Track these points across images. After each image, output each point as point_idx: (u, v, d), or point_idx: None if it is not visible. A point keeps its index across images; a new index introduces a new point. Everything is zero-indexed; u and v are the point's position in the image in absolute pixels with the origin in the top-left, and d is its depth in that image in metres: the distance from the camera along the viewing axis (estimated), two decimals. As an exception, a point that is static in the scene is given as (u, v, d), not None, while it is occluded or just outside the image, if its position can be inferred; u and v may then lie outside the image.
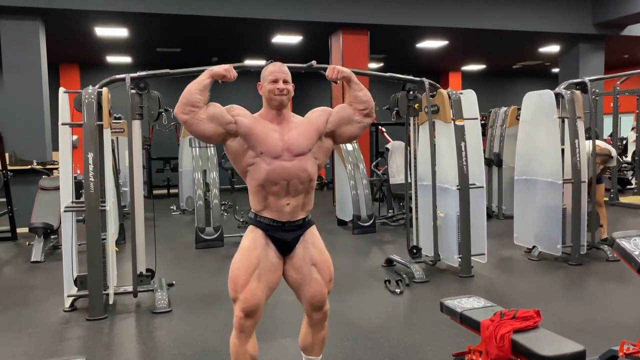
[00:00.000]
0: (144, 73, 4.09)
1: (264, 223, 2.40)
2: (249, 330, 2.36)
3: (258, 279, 2.34)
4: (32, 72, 7.61)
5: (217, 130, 2.34)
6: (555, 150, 5.16)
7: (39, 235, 5.88)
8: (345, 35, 8.81)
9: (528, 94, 5.54)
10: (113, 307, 4.11)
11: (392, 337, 3.41)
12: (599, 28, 10.00)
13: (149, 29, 9.02)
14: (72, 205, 4.09)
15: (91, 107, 3.91)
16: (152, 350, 3.36)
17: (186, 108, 2.30)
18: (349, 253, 6.05)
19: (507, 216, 7.52)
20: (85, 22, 8.27)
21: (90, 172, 3.84)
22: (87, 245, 3.89)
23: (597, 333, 3.41)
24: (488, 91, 15.18)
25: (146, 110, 4.14)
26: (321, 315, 2.52)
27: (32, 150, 7.56)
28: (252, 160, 2.37)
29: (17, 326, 3.78)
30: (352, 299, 4.23)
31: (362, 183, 7.22)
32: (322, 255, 2.50)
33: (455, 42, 10.77)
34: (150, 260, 4.37)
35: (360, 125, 2.55)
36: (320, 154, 2.48)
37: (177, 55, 11.31)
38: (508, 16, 9.43)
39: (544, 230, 5.32)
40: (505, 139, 7.88)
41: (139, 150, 4.23)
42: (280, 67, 2.45)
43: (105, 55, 11.34)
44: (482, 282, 4.71)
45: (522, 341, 2.24)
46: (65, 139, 4.05)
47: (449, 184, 4.83)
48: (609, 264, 5.14)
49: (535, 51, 12.05)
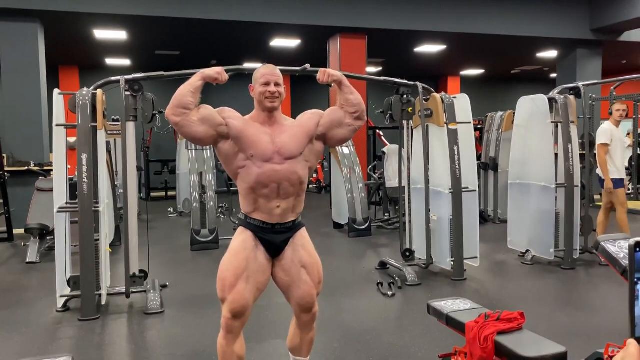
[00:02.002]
0: (138, 75, 4.13)
1: (253, 225, 2.42)
2: (237, 330, 2.38)
3: (246, 280, 2.35)
4: (30, 74, 7.66)
5: (208, 132, 2.36)
6: (548, 155, 5.19)
7: (34, 236, 5.91)
8: (343, 39, 8.86)
9: (522, 99, 5.57)
10: (106, 307, 4.13)
11: (381, 339, 3.43)
12: (596, 34, 10.04)
13: (148, 31, 9.07)
14: (65, 206, 4.12)
15: (85, 108, 3.94)
16: (142, 350, 3.38)
17: (177, 110, 2.32)
18: (343, 256, 6.08)
19: (503, 220, 7.53)
20: (84, 24, 8.31)
21: (84, 173, 3.87)
22: (80, 246, 3.92)
23: (586, 336, 3.43)
24: (487, 96, 15.24)
25: (140, 112, 4.18)
26: (310, 316, 2.53)
27: (29, 151, 7.60)
28: (242, 163, 2.38)
29: (10, 326, 3.80)
30: (344, 302, 4.25)
31: (358, 186, 7.25)
32: (311, 257, 2.51)
33: (454, 47, 10.81)
34: (144, 262, 4.40)
35: (351, 129, 2.56)
36: (311, 157, 2.50)
37: (176, 58, 11.35)
38: (506, 21, 9.47)
39: (537, 235, 5.34)
40: (501, 144, 7.91)
41: (133, 152, 4.26)
42: (272, 70, 2.45)
43: (105, 57, 11.39)
44: (474, 285, 4.73)
45: (505, 342, 2.25)
46: (59, 140, 4.08)
47: (442, 188, 4.85)
48: (601, 268, 5.15)
49: (534, 56, 12.09)
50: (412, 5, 8.92)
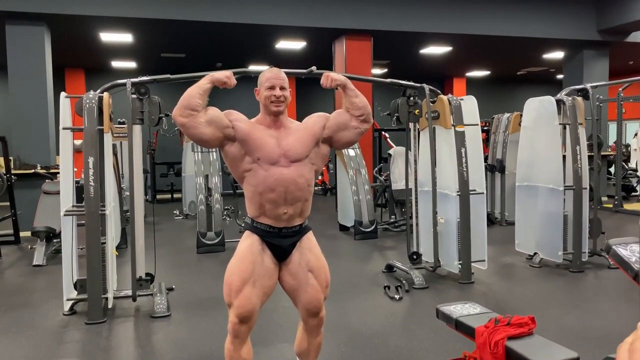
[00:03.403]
0: (145, 78, 4.13)
1: (260, 229, 2.40)
2: (244, 335, 2.36)
3: (253, 284, 2.33)
4: (37, 77, 7.68)
5: (215, 135, 2.35)
6: (556, 157, 5.15)
7: (41, 239, 5.92)
8: (348, 41, 8.84)
9: (529, 100, 5.53)
10: (112, 311, 4.12)
11: (389, 343, 3.41)
12: (603, 34, 9.98)
13: (153, 34, 9.08)
14: (72, 209, 4.11)
15: (92, 111, 3.94)
16: (149, 354, 3.37)
17: (185, 111, 2.31)
18: (349, 258, 6.05)
19: (510, 222, 7.50)
20: (90, 27, 8.33)
21: (91, 176, 3.86)
22: (87, 249, 3.91)
23: (595, 340, 3.39)
24: (492, 97, 15.18)
25: (147, 115, 4.17)
26: (317, 321, 2.51)
27: (36, 154, 7.61)
28: (249, 166, 2.37)
29: (17, 329, 3.80)
30: (351, 305, 4.23)
31: (364, 189, 7.22)
32: (318, 261, 2.49)
33: (460, 48, 10.77)
34: (150, 265, 4.39)
35: (357, 131, 2.54)
36: (318, 160, 2.48)
37: (182, 60, 11.37)
38: (512, 22, 9.42)
39: (545, 237, 5.30)
40: (508, 145, 7.87)
41: (139, 155, 4.25)
42: (277, 74, 2.44)
43: (111, 60, 11.42)
44: (482, 288, 4.70)
45: (516, 348, 2.23)
46: (65, 143, 4.08)
47: (449, 190, 4.82)
48: (610, 272, 5.11)
49: (540, 57, 12.03)
50: (418, 6, 8.90)
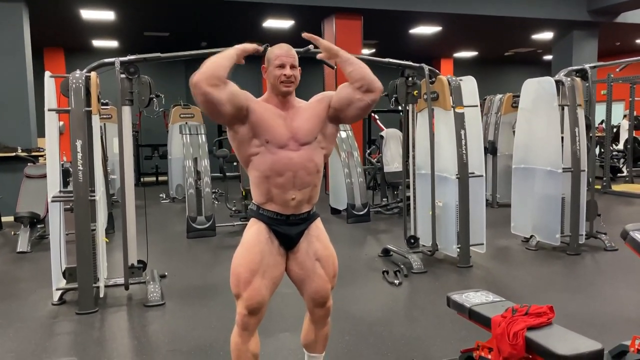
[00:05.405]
0: (134, 57, 3.93)
1: (266, 216, 2.27)
2: (252, 328, 2.25)
3: (262, 275, 2.21)
4: (15, 56, 7.36)
5: (230, 112, 2.14)
6: (555, 139, 5.08)
7: (24, 225, 5.71)
8: (338, 20, 8.66)
9: (527, 81, 5.43)
10: (104, 300, 3.98)
11: (394, 331, 3.32)
12: (593, 15, 9.93)
13: (136, 12, 8.78)
14: (60, 195, 3.92)
15: (79, 92, 3.74)
16: (145, 345, 3.24)
17: (213, 80, 2.08)
18: (344, 243, 5.95)
19: (502, 204, 7.48)
20: (70, 4, 8.01)
21: (79, 160, 3.68)
22: (76, 236, 3.74)
23: (601, 326, 3.35)
24: (479, 78, 14.90)
25: (136, 95, 3.99)
26: (324, 311, 2.41)
27: (16, 136, 7.33)
28: (256, 150, 2.22)
29: (5, 321, 3.62)
30: (350, 291, 4.14)
31: (357, 171, 7.11)
32: (326, 250, 2.37)
33: (448, 28, 10.65)
34: (142, 251, 4.24)
35: (363, 104, 2.33)
36: (327, 142, 2.34)
37: (165, 39, 11.04)
38: (502, 2, 9.31)
39: (542, 220, 5.26)
40: (500, 127, 7.81)
41: (130, 137, 4.07)
42: (288, 51, 2.28)
43: (92, 39, 11.06)
44: (481, 272, 4.64)
45: (536, 339, 2.15)
46: (51, 126, 3.87)
47: (448, 173, 4.73)
48: (607, 254, 5.11)
49: (528, 38, 11.96)
50: (409, -15, 8.73)
